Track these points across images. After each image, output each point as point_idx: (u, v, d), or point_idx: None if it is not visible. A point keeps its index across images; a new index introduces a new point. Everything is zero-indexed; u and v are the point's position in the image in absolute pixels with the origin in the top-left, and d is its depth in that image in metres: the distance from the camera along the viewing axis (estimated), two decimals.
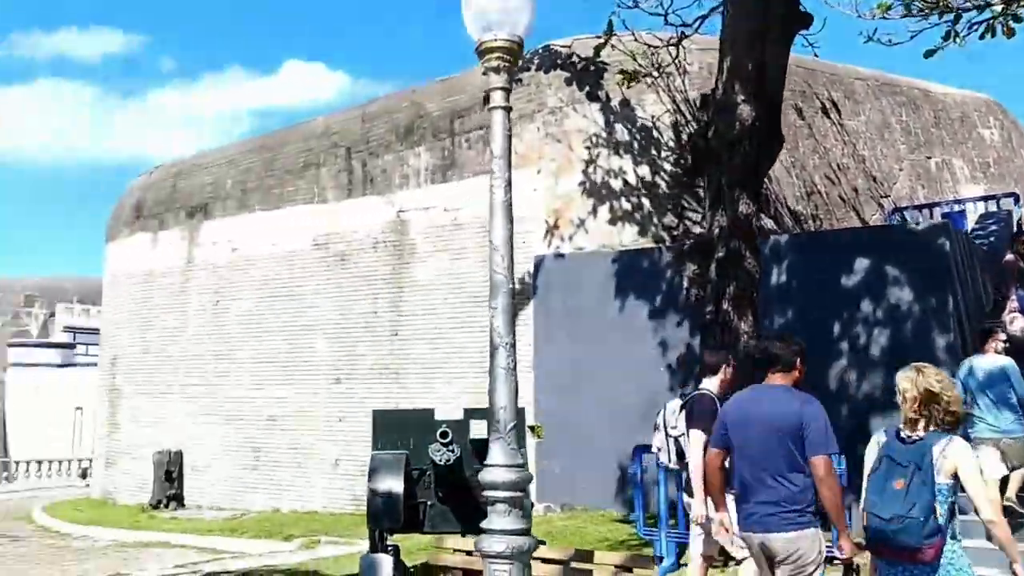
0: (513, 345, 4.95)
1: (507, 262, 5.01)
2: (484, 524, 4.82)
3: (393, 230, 15.57)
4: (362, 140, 16.35)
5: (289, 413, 16.48)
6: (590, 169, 13.33)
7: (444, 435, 8.05)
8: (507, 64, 5.13)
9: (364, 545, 12.40)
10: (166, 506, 17.23)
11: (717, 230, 9.22)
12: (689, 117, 13.57)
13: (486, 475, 4.82)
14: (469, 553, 7.60)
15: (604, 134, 13.44)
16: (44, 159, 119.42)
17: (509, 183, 5.11)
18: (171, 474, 17.42)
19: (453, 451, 8.05)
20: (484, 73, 5.23)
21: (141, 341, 19.04)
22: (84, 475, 30.92)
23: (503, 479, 4.76)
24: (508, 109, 5.17)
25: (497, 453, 4.82)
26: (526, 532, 4.83)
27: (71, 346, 40.12)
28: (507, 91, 5.16)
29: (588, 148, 13.41)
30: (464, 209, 14.77)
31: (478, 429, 8.59)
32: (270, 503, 16.37)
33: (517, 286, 13.81)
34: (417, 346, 15.01)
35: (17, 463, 30.64)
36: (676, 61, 12.57)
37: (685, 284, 12.00)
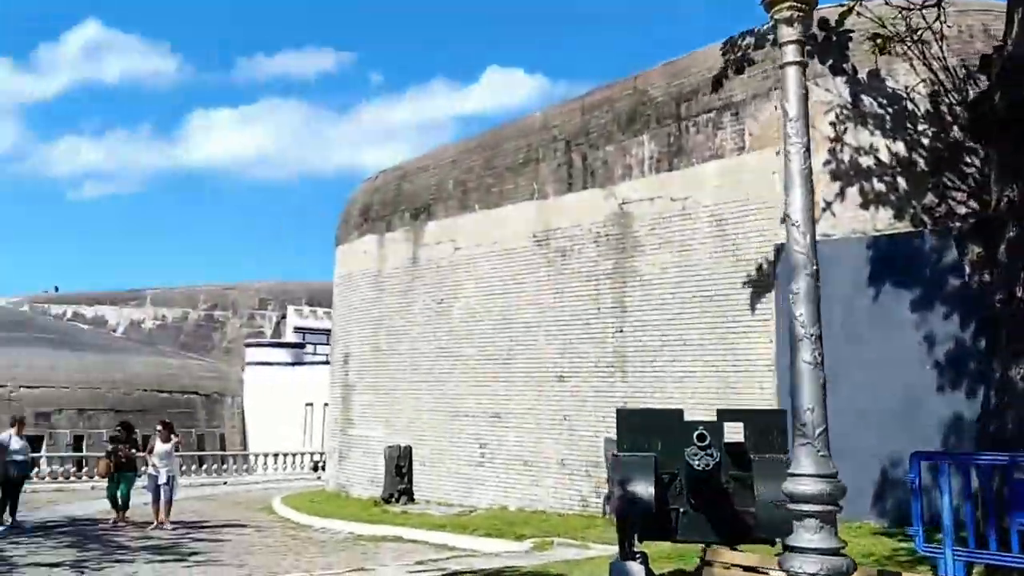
0: (819, 337, 4.31)
1: (808, 240, 4.36)
2: (791, 541, 4.23)
3: (615, 223, 15.11)
4: (582, 132, 16.01)
5: (513, 411, 16.42)
6: (837, 148, 12.25)
7: (702, 438, 7.45)
8: (800, 14, 4.50)
9: (599, 549, 12.05)
10: (397, 500, 17.65)
11: (1006, 206, 8.04)
12: (949, 86, 12.15)
13: (792, 486, 4.22)
14: (750, 570, 6.92)
15: (851, 109, 12.31)
16: (268, 173, 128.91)
17: (808, 149, 4.45)
18: (401, 469, 17.85)
19: (712, 455, 7.45)
20: (773, 26, 4.62)
21: (371, 339, 19.69)
22: (315, 468, 32.73)
23: (814, 491, 4.16)
24: (803, 65, 4.53)
25: (806, 461, 4.22)
26: (840, 552, 4.19)
27: (301, 346, 42.71)
28: (801, 45, 4.53)
29: (833, 125, 12.33)
30: (692, 197, 14.07)
31: (733, 432, 7.95)
32: (497, 500, 16.37)
33: (754, 275, 12.99)
34: (643, 343, 14.47)
35: (255, 456, 32.89)
36: (933, 25, 11.26)
37: (966, 270, 10.71)
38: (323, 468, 32.87)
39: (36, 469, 23.35)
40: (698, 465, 7.48)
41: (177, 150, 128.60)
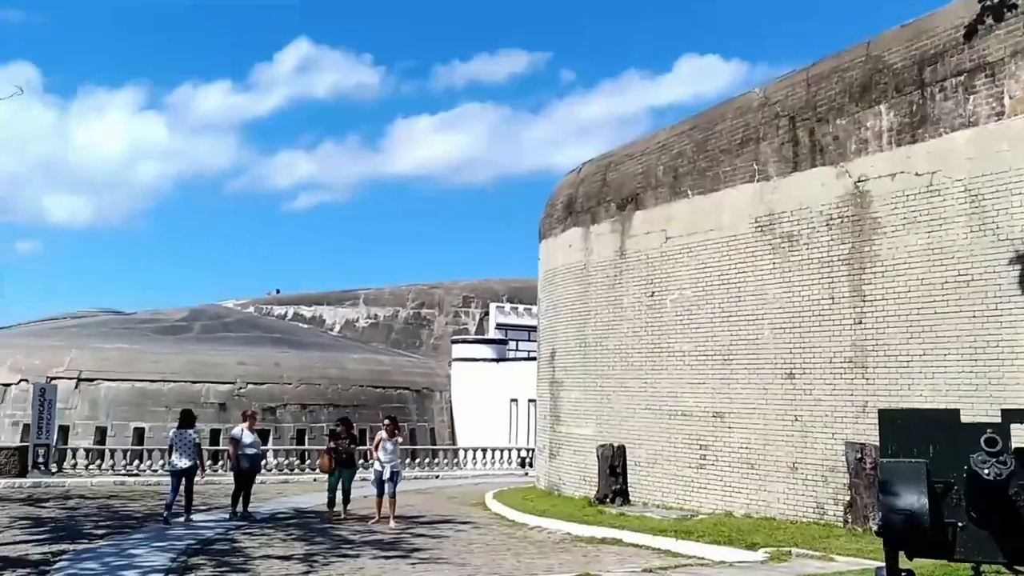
0: None
1: None
2: None
3: (850, 203, 13.83)
4: (807, 106, 14.81)
5: (736, 410, 15.48)
6: None
7: (992, 442, 6.38)
8: None
9: (844, 562, 10.97)
10: (611, 501, 17.13)
11: None
12: None
13: None
14: None
15: None
16: (465, 177, 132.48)
17: None
18: (615, 469, 17.32)
19: (1005, 463, 6.36)
20: None
21: (578, 335, 19.30)
22: (522, 464, 32.88)
23: None
24: None
25: None
26: None
27: (504, 342, 43.24)
28: None
29: None
30: (941, 172, 12.60)
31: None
32: (720, 505, 15.50)
33: (1021, 255, 11.40)
34: (886, 335, 13.13)
35: (464, 450, 33.42)
36: None
37: None
38: (530, 464, 32.96)
39: (265, 462, 24.64)
40: (988, 474, 6.41)
41: (381, 158, 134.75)
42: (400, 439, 16.17)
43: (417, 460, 31.33)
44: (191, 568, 10.72)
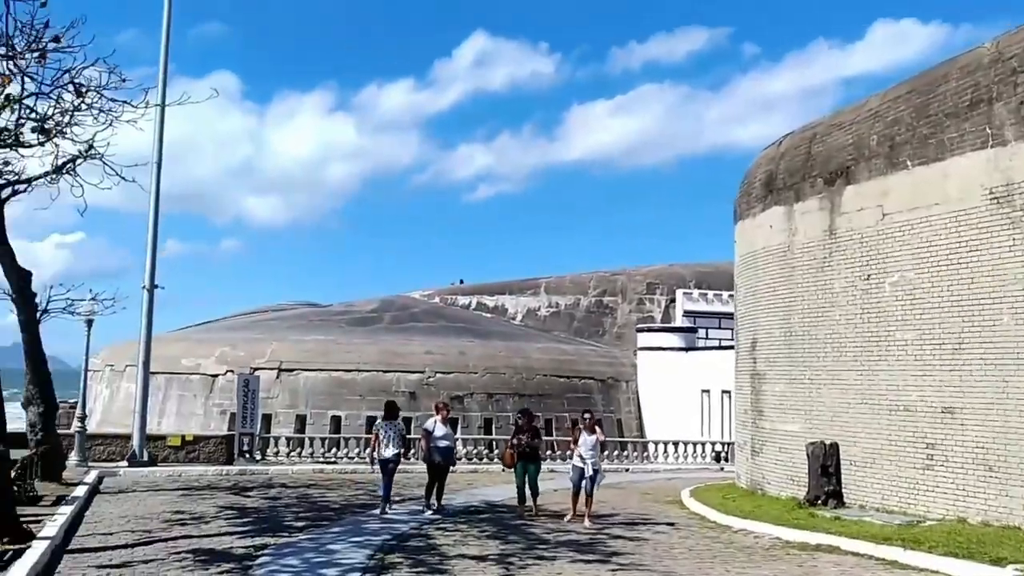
0: None
1: None
2: None
3: None
4: None
5: (969, 405, 13.86)
6: None
7: None
8: None
9: None
10: (824, 503, 15.85)
11: None
12: None
13: None
14: None
15: None
16: (643, 160, 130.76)
17: None
18: (827, 468, 16.01)
19: None
20: None
21: (782, 323, 18.03)
22: (717, 458, 31.62)
23: None
24: None
25: None
26: None
27: (693, 330, 41.93)
28: None
29: None
30: None
31: None
32: (951, 511, 13.95)
33: None
34: None
35: (655, 443, 32.50)
36: None
37: None
38: (726, 459, 31.66)
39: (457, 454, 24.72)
40: None
41: (557, 146, 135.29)
42: (601, 435, 15.41)
43: (605, 452, 30.77)
44: (388, 567, 10.61)
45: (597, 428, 15.11)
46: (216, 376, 35.60)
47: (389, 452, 15.72)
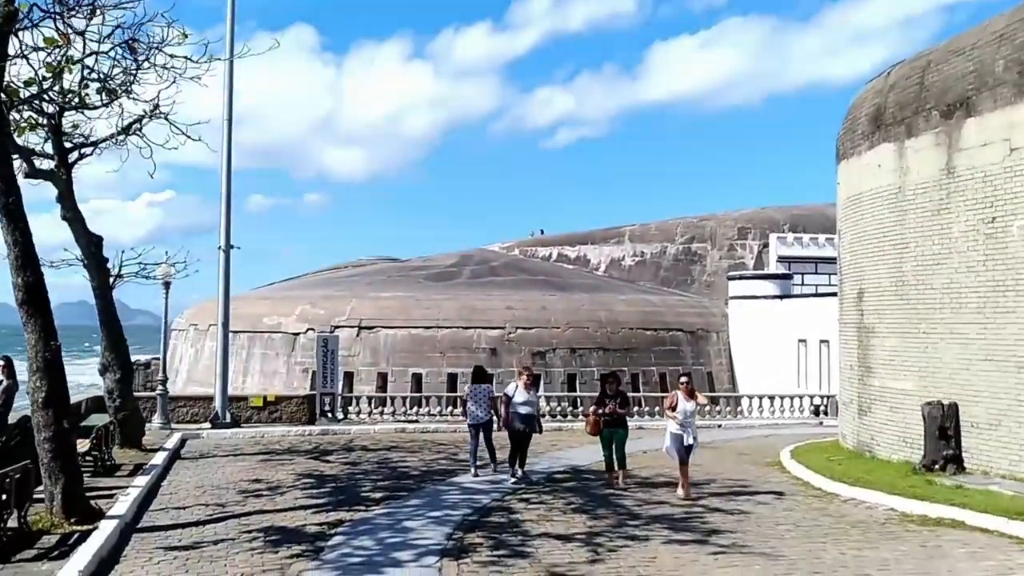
0: None
1: None
2: None
3: None
4: None
5: None
6: None
7: None
8: None
9: None
10: (942, 469, 14.65)
11: None
12: None
13: None
14: None
15: None
16: (730, 98, 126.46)
17: None
18: (946, 431, 14.77)
19: None
20: None
21: (893, 272, 16.65)
22: (816, 412, 30.28)
23: None
24: None
25: None
26: None
27: (788, 276, 40.17)
28: None
29: None
30: None
31: None
32: None
33: None
34: None
35: (748, 398, 31.23)
36: None
37: None
38: (825, 413, 30.30)
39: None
40: None
41: (639, 86, 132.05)
42: (702, 400, 14.35)
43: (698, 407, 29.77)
44: (467, 549, 9.98)
45: (696, 394, 14.08)
46: (297, 335, 35.70)
47: (479, 416, 15.81)
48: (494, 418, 16.01)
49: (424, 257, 52.04)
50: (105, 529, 10.44)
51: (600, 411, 14.77)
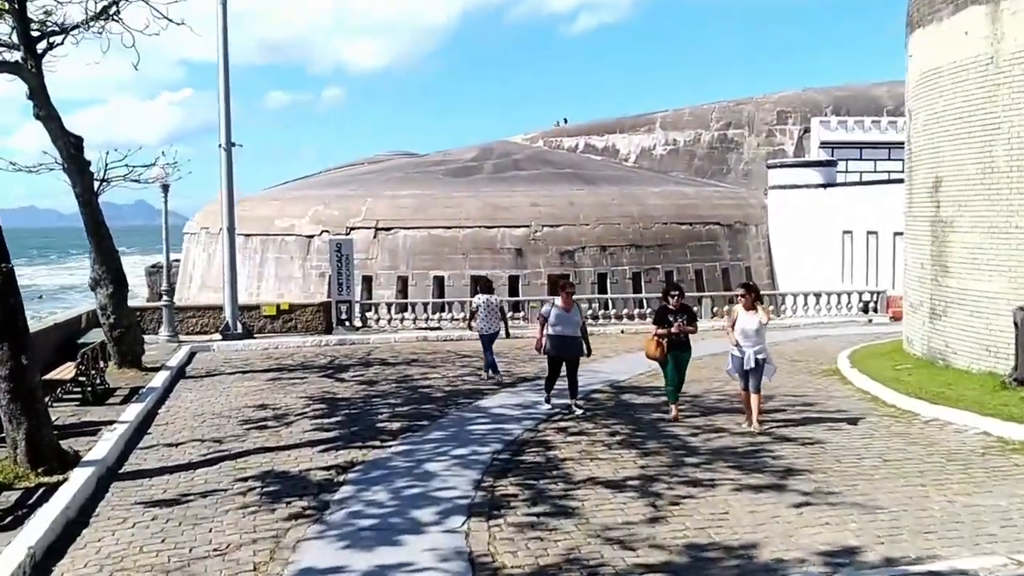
0: None
1: None
2: None
3: None
4: None
5: None
6: None
7: None
8: None
9: None
10: None
11: None
12: None
13: None
14: None
15: None
16: None
17: None
18: None
19: None
20: None
21: (980, 157, 14.56)
22: (865, 310, 28.53)
23: None
24: None
25: None
26: None
27: (832, 163, 37.77)
28: None
29: None
30: None
31: None
32: None
33: None
34: None
35: (792, 296, 29.39)
36: None
37: None
38: (875, 311, 28.53)
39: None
40: None
41: None
42: (764, 316, 11.68)
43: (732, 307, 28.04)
44: (498, 503, 8.42)
45: (758, 305, 11.74)
46: (311, 237, 34.08)
47: (489, 327, 16.10)
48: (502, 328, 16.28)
49: (443, 151, 49.81)
50: (76, 480, 9.00)
51: (666, 331, 11.99)
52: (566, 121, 54.34)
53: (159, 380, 16.12)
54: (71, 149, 16.38)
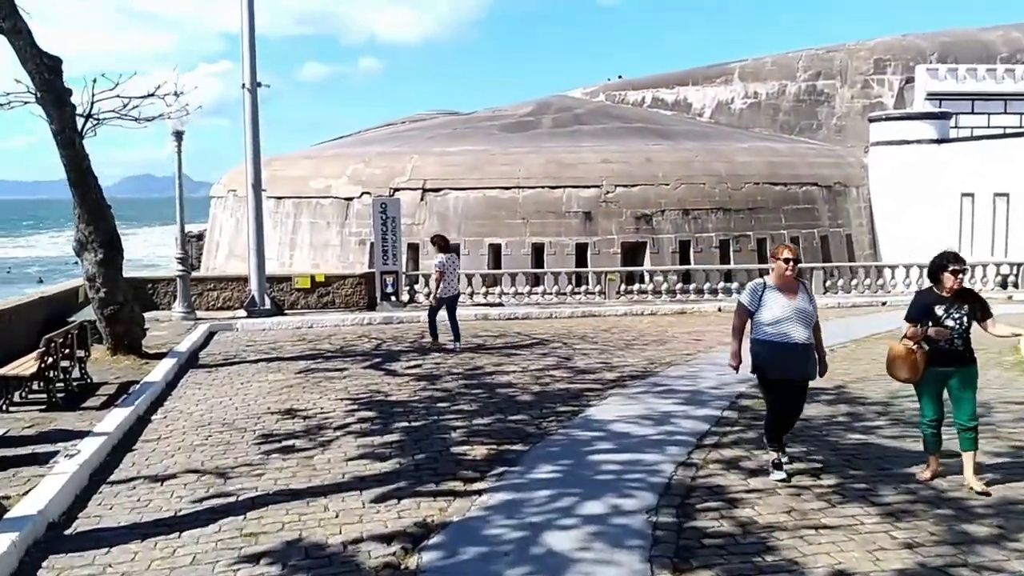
0: None
1: None
2: None
3: None
4: None
5: None
6: None
7: None
8: None
9: None
10: None
11: None
12: None
13: None
14: None
15: None
16: None
17: None
18: None
19: None
20: None
21: None
22: (1004, 285, 24.49)
23: None
24: None
25: None
26: None
27: (946, 116, 33.36)
28: None
29: None
30: None
31: None
32: None
33: None
34: None
35: (905, 268, 25.19)
36: None
37: None
38: (1015, 286, 24.51)
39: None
40: None
41: None
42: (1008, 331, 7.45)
43: (829, 282, 24.06)
44: None
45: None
46: (351, 199, 30.52)
47: (451, 290, 15.38)
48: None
49: (492, 108, 45.92)
50: None
51: (927, 333, 7.10)
52: (620, 78, 50.11)
53: (159, 372, 12.70)
54: (45, 73, 12.87)
